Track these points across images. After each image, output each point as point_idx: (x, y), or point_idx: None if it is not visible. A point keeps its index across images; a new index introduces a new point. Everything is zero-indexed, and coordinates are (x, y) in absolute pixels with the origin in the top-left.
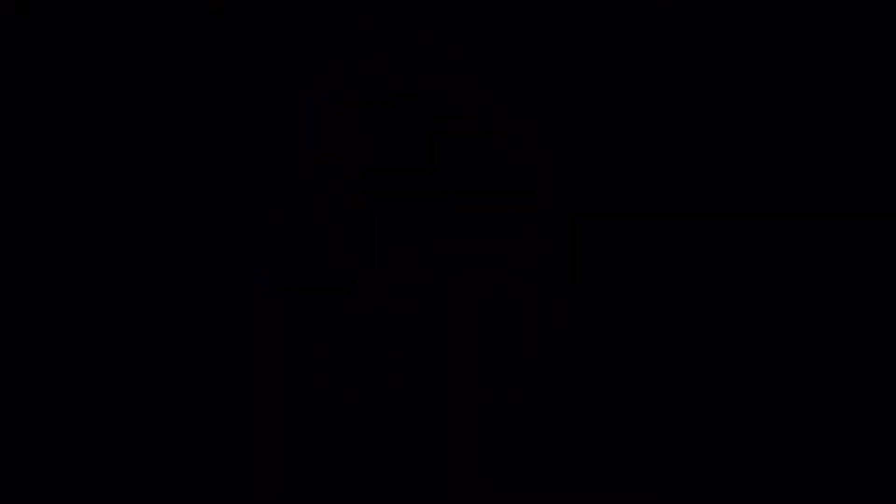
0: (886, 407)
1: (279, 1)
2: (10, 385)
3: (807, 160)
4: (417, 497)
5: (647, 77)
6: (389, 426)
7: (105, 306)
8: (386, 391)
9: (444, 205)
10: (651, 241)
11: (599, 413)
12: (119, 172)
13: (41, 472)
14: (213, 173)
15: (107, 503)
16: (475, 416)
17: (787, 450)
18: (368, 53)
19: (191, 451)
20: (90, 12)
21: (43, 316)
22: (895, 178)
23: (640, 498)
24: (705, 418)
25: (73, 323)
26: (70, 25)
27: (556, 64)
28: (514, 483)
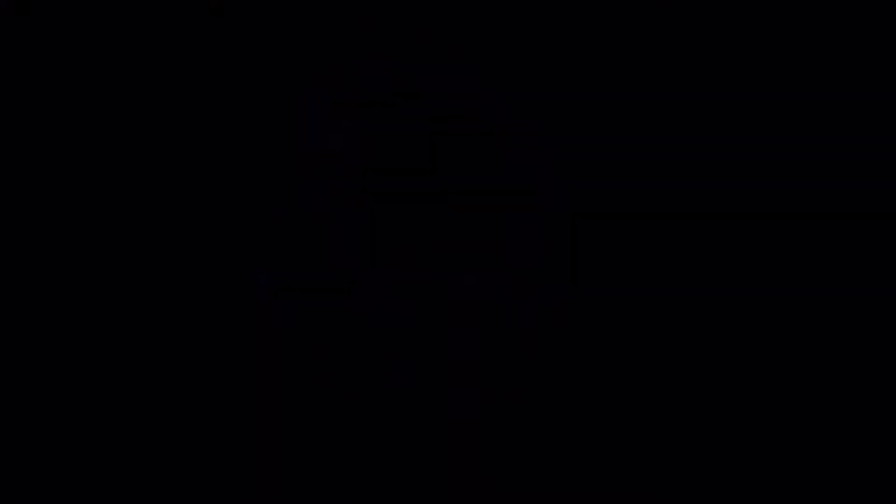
0: (886, 407)
1: (279, 1)
2: (10, 385)
3: (807, 160)
4: (417, 497)
5: (647, 77)
6: (389, 426)
7: (105, 306)
8: (386, 391)
9: (444, 205)
10: (651, 241)
11: (599, 413)
12: (119, 172)
13: (41, 472)
14: (214, 173)
15: (107, 503)
16: (475, 416)
17: (787, 450)
18: (368, 53)
19: (191, 451)
20: (90, 12)
21: (43, 316)
22: (895, 178)
23: (640, 498)
24: (705, 418)
25: (74, 323)
26: (70, 25)
27: (556, 64)
28: (514, 483)
